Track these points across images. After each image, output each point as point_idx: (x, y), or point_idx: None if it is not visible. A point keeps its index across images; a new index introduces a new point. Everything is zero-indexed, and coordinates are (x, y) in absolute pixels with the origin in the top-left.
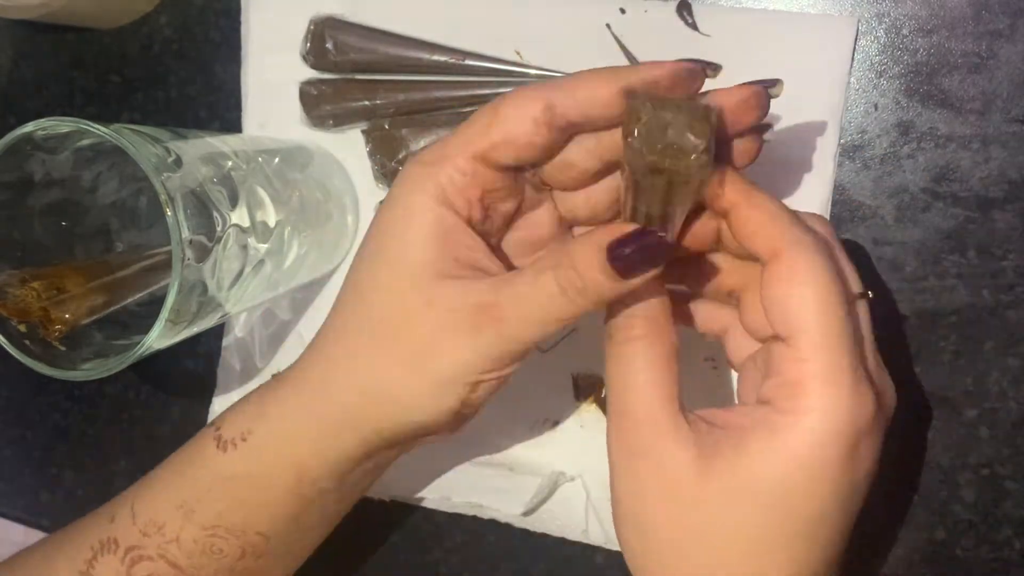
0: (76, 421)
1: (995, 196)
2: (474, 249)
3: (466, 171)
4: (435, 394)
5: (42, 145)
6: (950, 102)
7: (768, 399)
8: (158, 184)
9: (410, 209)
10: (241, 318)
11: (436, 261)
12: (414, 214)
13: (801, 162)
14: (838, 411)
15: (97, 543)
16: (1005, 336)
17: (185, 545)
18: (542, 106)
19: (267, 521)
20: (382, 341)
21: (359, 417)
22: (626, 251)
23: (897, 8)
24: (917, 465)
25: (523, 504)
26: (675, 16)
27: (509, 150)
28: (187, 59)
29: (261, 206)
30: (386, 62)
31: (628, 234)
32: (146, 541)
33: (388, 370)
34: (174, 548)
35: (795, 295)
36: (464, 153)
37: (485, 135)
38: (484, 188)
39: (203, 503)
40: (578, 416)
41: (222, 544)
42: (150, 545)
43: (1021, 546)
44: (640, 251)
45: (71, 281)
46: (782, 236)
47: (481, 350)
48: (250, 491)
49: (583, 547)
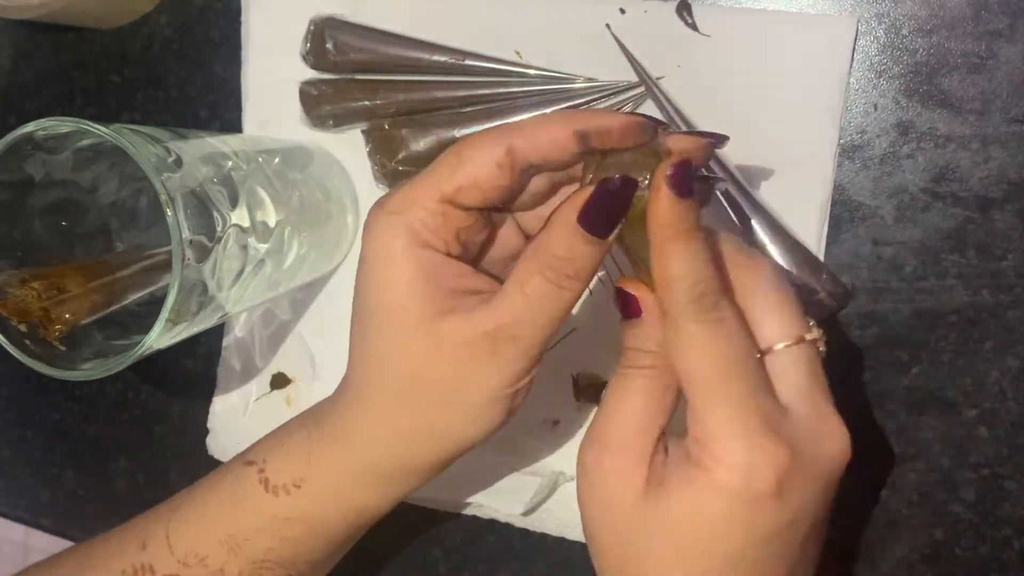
0: (76, 421)
1: (995, 196)
2: (462, 275)
3: (436, 213)
4: (480, 418)
5: (42, 145)
6: (950, 102)
7: (687, 451)
8: (158, 184)
9: (390, 257)
10: (241, 318)
11: (432, 301)
12: (395, 261)
13: (801, 162)
14: (738, 469)
15: (130, 567)
16: (1005, 336)
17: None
18: (504, 150)
19: (320, 552)
20: (410, 394)
21: (414, 462)
22: (594, 211)
23: (897, 8)
24: (917, 465)
25: (523, 504)
26: (675, 16)
27: (474, 193)
28: (187, 59)
29: (261, 206)
30: (386, 62)
31: (589, 198)
32: (186, 571)
33: (427, 416)
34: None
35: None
36: (431, 197)
37: (450, 180)
38: (457, 227)
39: (252, 541)
40: (578, 416)
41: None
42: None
43: (1021, 546)
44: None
45: (71, 281)
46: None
47: (505, 369)
48: (305, 531)
49: (583, 547)
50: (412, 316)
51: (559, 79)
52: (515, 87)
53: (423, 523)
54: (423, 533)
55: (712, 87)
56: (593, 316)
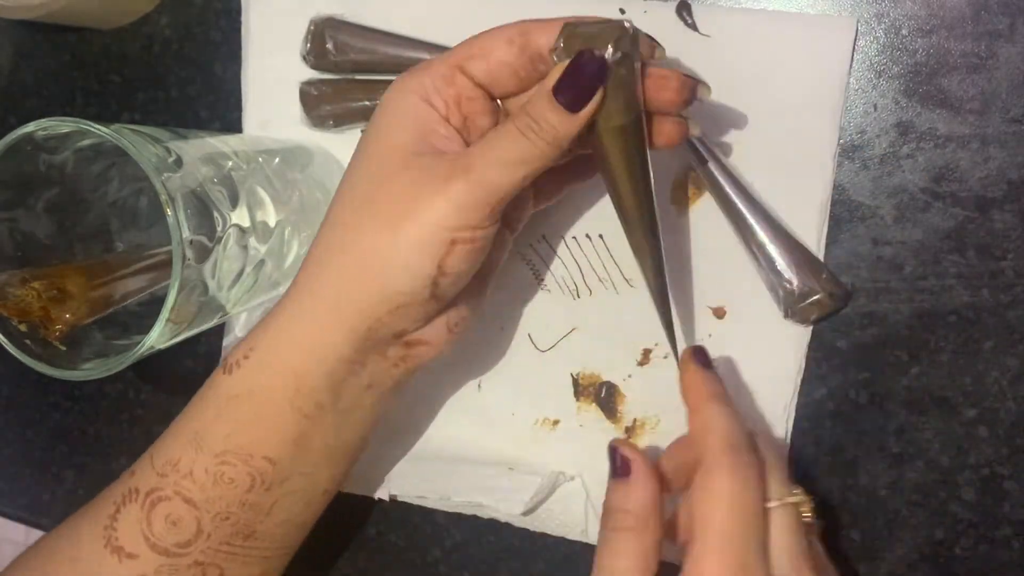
0: (76, 421)
1: (994, 196)
2: (451, 140)
3: (445, 75)
4: (411, 255)
5: (42, 145)
6: (949, 102)
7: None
8: (158, 184)
9: (394, 104)
10: (241, 318)
11: (415, 143)
12: (398, 107)
13: (800, 162)
14: None
15: (120, 496)
16: (1004, 336)
17: (198, 477)
18: (518, 30)
19: (273, 443)
20: (364, 208)
21: (343, 301)
22: (569, 78)
23: (896, 8)
24: (917, 465)
25: (523, 504)
26: (675, 16)
27: (482, 63)
28: (187, 59)
29: (261, 206)
30: (386, 62)
31: (566, 70)
32: (163, 482)
33: (369, 236)
34: (188, 482)
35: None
36: (445, 62)
37: (465, 49)
38: (460, 93)
39: (211, 430)
40: (578, 416)
41: (231, 472)
42: (167, 485)
43: (1021, 546)
44: (578, 78)
45: (71, 281)
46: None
47: (453, 198)
48: (252, 409)
49: (583, 547)
50: (394, 144)
51: None
52: None
53: (423, 523)
54: (423, 533)
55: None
56: (593, 316)
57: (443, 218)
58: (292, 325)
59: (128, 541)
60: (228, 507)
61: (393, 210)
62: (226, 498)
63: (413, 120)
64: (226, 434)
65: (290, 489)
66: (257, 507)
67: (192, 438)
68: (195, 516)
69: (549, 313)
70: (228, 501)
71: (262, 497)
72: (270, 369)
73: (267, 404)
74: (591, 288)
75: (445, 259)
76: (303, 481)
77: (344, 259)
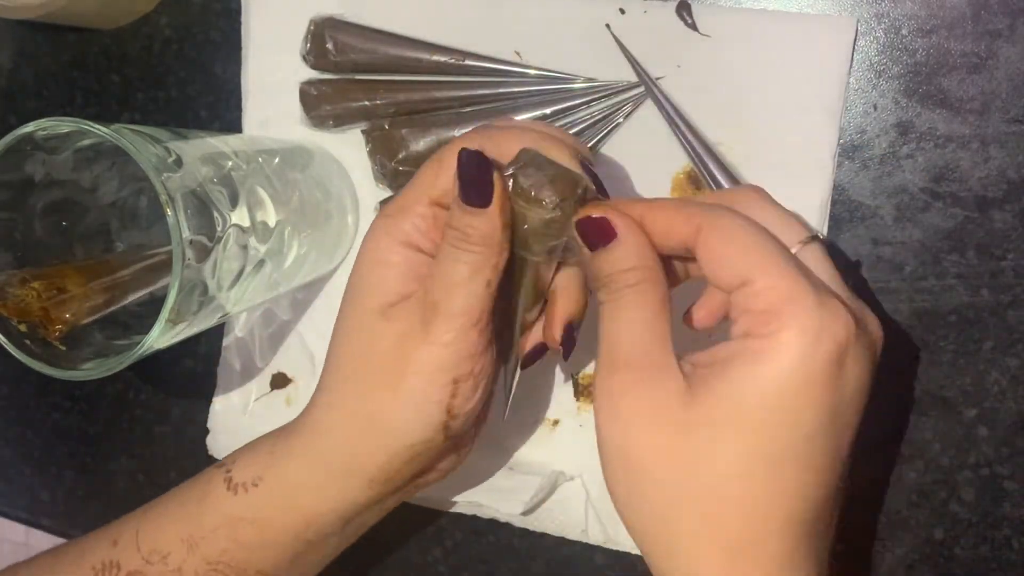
0: (76, 421)
1: (994, 196)
2: None
3: (426, 216)
4: (419, 410)
5: (42, 145)
6: (949, 102)
7: (744, 332)
8: (158, 184)
9: (379, 254)
10: (241, 318)
11: (399, 290)
12: (382, 258)
13: (800, 162)
14: (811, 325)
15: (100, 564)
16: (1004, 336)
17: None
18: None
19: (270, 562)
20: (364, 373)
21: (362, 457)
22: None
23: (896, 8)
24: (917, 465)
25: (523, 504)
26: (675, 16)
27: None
28: (187, 59)
29: (261, 206)
30: (386, 62)
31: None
32: (149, 568)
33: (375, 399)
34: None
35: (732, 250)
36: (421, 202)
37: (434, 184)
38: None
39: (208, 540)
40: (578, 416)
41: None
42: (152, 572)
43: (1021, 546)
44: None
45: (71, 281)
46: (693, 217)
47: (437, 339)
48: (256, 535)
49: (583, 546)
50: (376, 302)
51: (559, 79)
52: (515, 87)
53: (423, 523)
54: (423, 533)
55: (712, 87)
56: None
57: (438, 362)
58: (306, 467)
59: None
60: None
61: (388, 369)
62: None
63: (402, 271)
64: (224, 548)
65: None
66: None
67: (185, 540)
68: None
69: None
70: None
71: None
72: (281, 504)
73: (272, 533)
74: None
75: (452, 402)
76: None
77: (355, 419)
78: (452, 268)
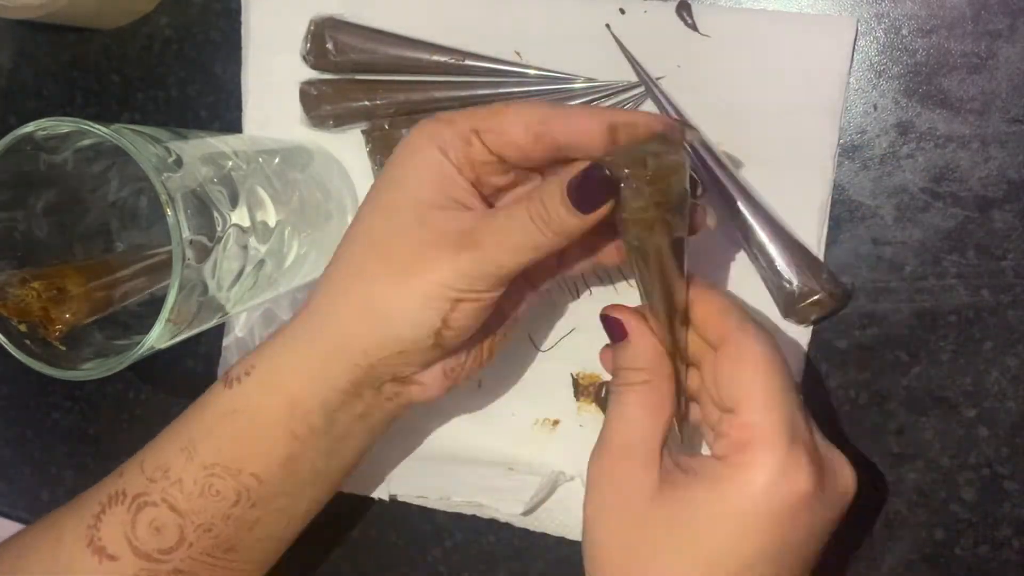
0: (76, 421)
1: (994, 196)
2: (469, 194)
3: (463, 135)
4: (417, 307)
5: (42, 145)
6: (949, 102)
7: (721, 453)
8: (158, 184)
9: (418, 151)
10: (241, 318)
11: (434, 195)
12: (421, 156)
13: (801, 162)
14: (772, 468)
15: (106, 497)
16: (1004, 336)
17: (186, 486)
18: (539, 117)
19: (261, 461)
20: (377, 255)
21: (349, 338)
22: (580, 185)
23: (896, 8)
24: (917, 465)
25: (523, 504)
26: (675, 16)
27: (496, 140)
28: (187, 59)
29: (261, 206)
30: (386, 62)
31: (581, 171)
32: (152, 487)
33: (378, 284)
34: (176, 490)
35: (739, 372)
36: (468, 124)
37: (485, 119)
38: (475, 157)
39: (205, 441)
40: (578, 416)
41: (219, 484)
42: (155, 491)
43: (1021, 546)
44: (589, 184)
45: (71, 281)
46: (728, 325)
47: (460, 268)
48: (246, 425)
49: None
50: (413, 196)
51: (559, 79)
52: (515, 87)
53: (423, 523)
54: (423, 533)
55: (712, 87)
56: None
57: (450, 282)
58: (294, 353)
59: (111, 543)
60: (212, 519)
61: (403, 264)
62: (211, 510)
63: (433, 171)
64: (218, 447)
65: (274, 507)
66: (240, 522)
67: (184, 447)
68: (179, 524)
69: (549, 313)
70: (213, 513)
71: (246, 513)
72: (268, 389)
73: (261, 422)
74: (591, 288)
75: (450, 314)
76: (287, 501)
77: (351, 300)
78: (517, 231)
